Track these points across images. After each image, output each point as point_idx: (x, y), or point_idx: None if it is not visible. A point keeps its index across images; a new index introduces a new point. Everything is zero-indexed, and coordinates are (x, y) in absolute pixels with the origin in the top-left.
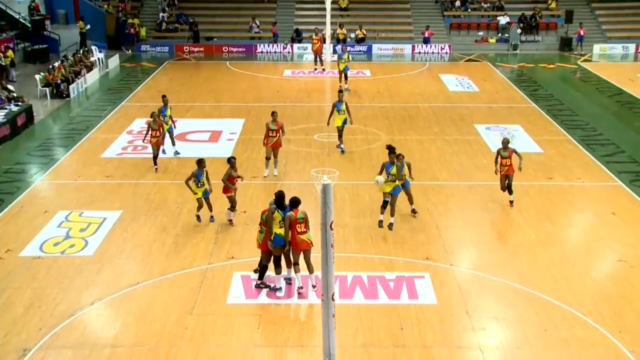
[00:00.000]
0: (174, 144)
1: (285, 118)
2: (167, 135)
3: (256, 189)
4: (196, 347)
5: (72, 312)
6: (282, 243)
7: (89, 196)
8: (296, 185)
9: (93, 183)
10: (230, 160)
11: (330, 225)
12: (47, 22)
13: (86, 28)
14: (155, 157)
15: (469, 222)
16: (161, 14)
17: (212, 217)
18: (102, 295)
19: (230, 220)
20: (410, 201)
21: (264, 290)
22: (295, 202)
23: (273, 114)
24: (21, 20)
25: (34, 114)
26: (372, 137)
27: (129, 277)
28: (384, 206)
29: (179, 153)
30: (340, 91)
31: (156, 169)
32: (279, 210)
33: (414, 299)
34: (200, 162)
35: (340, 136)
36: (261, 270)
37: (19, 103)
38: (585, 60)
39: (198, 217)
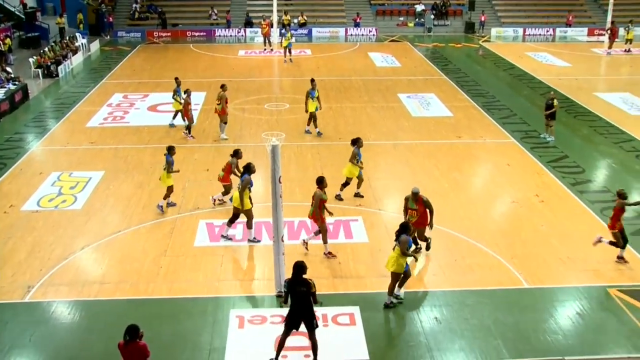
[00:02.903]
0: (174, 117)
1: (240, 91)
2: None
3: (217, 150)
4: (170, 283)
5: (66, 255)
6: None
7: (76, 159)
8: (250, 146)
9: (80, 148)
10: (237, 152)
11: (279, 179)
12: (38, 14)
13: (83, 21)
14: (188, 127)
15: (394, 174)
16: (134, 5)
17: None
18: (90, 242)
19: (221, 201)
20: None
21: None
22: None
23: (222, 86)
24: (16, 12)
25: (29, 92)
26: None
27: (112, 226)
28: None
29: (174, 125)
30: (312, 80)
31: (192, 136)
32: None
33: (349, 238)
34: (171, 149)
35: (313, 120)
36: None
37: (16, 83)
38: (485, 41)
39: (170, 204)
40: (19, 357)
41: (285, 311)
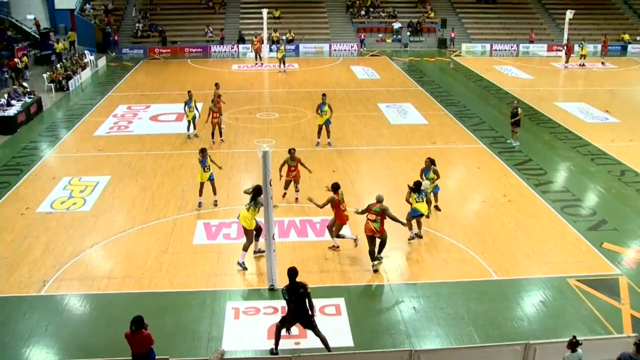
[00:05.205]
0: (194, 128)
1: (233, 101)
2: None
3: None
4: (171, 277)
5: (77, 253)
6: (417, 214)
7: (85, 165)
8: (243, 152)
9: (88, 155)
10: (290, 151)
11: (270, 183)
12: (52, 34)
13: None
14: (212, 134)
15: (374, 177)
16: (137, 25)
17: (215, 201)
18: (98, 240)
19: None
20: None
21: (221, 233)
22: (335, 186)
23: (216, 84)
24: (32, 33)
25: (43, 104)
26: (300, 114)
27: (118, 226)
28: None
29: (197, 136)
30: (324, 95)
31: (213, 142)
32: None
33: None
34: (203, 151)
35: (319, 132)
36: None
37: (32, 96)
38: (456, 56)
39: (200, 203)
40: (37, 345)
41: (275, 302)
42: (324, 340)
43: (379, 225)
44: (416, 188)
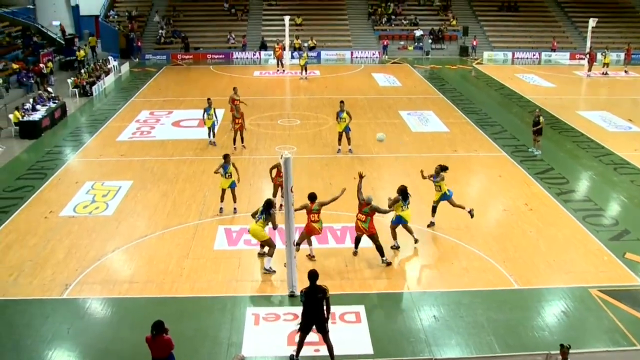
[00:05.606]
0: (214, 135)
1: (255, 108)
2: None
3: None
4: (192, 283)
5: (99, 257)
6: (401, 222)
7: (108, 170)
8: (264, 158)
9: (111, 160)
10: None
11: (291, 189)
12: (76, 40)
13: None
14: (234, 140)
15: (395, 184)
16: (160, 31)
17: (235, 209)
18: (120, 245)
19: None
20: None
21: (242, 239)
22: (312, 196)
23: (234, 89)
24: (57, 39)
25: (67, 109)
26: (322, 121)
27: (139, 230)
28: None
29: (215, 144)
30: (341, 102)
31: (234, 148)
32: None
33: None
34: (226, 157)
35: (340, 139)
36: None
37: (56, 101)
38: (478, 63)
39: (221, 208)
40: (60, 348)
41: (295, 309)
42: (330, 348)
43: (367, 225)
44: (404, 195)
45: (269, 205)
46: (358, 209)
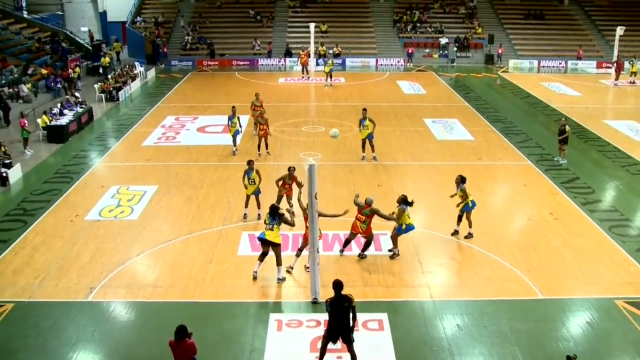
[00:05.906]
0: (235, 144)
1: (280, 114)
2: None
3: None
4: (215, 288)
5: (123, 261)
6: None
7: (133, 174)
8: (289, 165)
9: (136, 165)
10: (289, 169)
11: (315, 195)
12: (103, 46)
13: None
14: (258, 146)
15: (419, 192)
16: (186, 37)
17: (259, 215)
18: (145, 249)
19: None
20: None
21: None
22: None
23: (256, 94)
24: (85, 44)
25: (94, 114)
26: (346, 128)
27: (164, 235)
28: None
29: (235, 153)
30: (364, 109)
31: (259, 154)
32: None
33: (379, 250)
34: (250, 162)
35: (363, 147)
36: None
37: (83, 106)
38: (503, 72)
39: (245, 214)
40: (84, 350)
41: (318, 315)
42: (354, 359)
43: (365, 227)
44: (406, 204)
45: (275, 209)
46: (358, 211)
